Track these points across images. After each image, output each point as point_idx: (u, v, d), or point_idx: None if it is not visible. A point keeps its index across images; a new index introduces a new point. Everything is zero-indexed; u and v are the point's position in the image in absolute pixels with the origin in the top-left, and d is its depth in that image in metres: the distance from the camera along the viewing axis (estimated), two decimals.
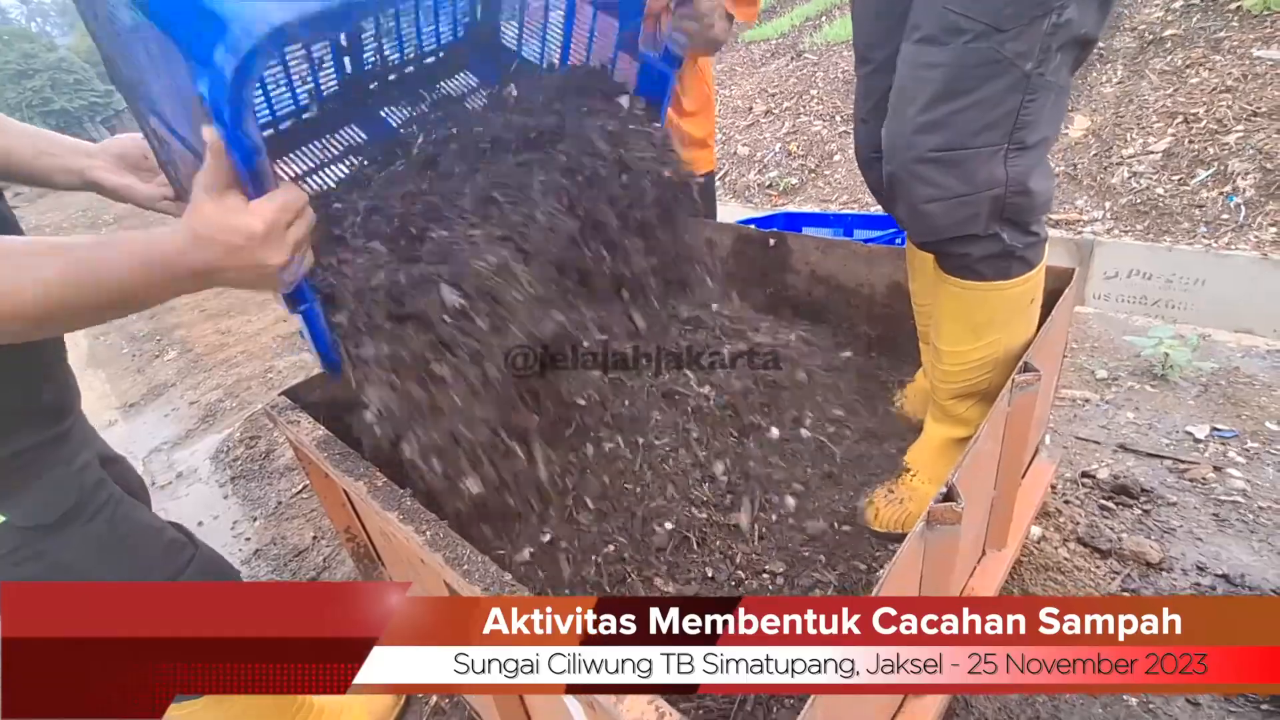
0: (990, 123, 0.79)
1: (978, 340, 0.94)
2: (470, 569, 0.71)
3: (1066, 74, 0.81)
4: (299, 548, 1.99)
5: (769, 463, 1.07)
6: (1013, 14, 0.74)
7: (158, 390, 3.27)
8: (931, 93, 0.80)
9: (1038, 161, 0.84)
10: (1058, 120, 0.86)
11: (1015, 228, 0.86)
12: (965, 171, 0.81)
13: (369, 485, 0.86)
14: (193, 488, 2.44)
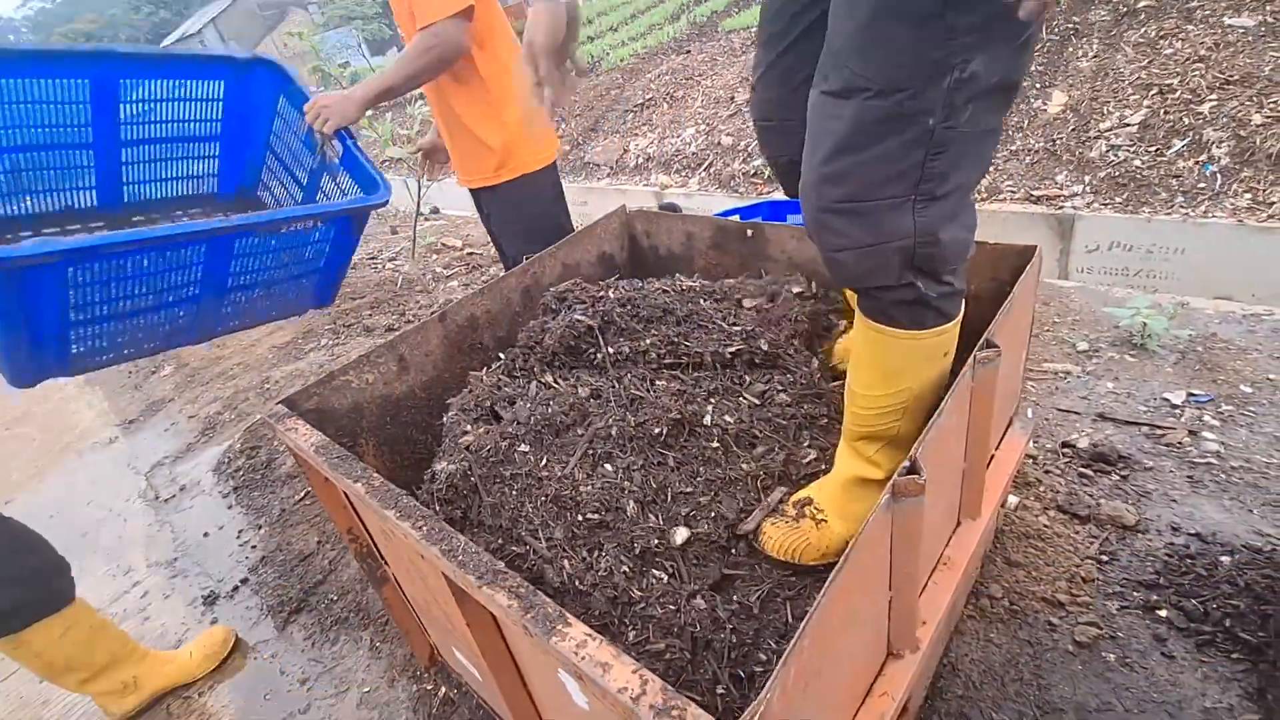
0: (894, 175, 0.78)
1: (889, 387, 0.94)
2: (465, 559, 0.75)
3: (990, 118, 0.79)
4: (304, 553, 2.03)
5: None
6: (908, 75, 0.74)
7: (156, 405, 3.30)
8: (834, 144, 0.80)
9: (950, 211, 0.82)
10: (979, 165, 0.84)
11: (928, 277, 0.86)
12: (870, 222, 0.81)
13: (367, 486, 0.91)
14: (196, 500, 2.48)
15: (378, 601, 1.76)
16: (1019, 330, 1.14)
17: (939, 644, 1.22)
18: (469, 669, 1.25)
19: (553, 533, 1.00)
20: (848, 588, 0.67)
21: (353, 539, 1.28)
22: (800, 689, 0.64)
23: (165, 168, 2.32)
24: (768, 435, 1.14)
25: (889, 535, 0.76)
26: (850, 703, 0.84)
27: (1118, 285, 3.53)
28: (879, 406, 0.95)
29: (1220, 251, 3.23)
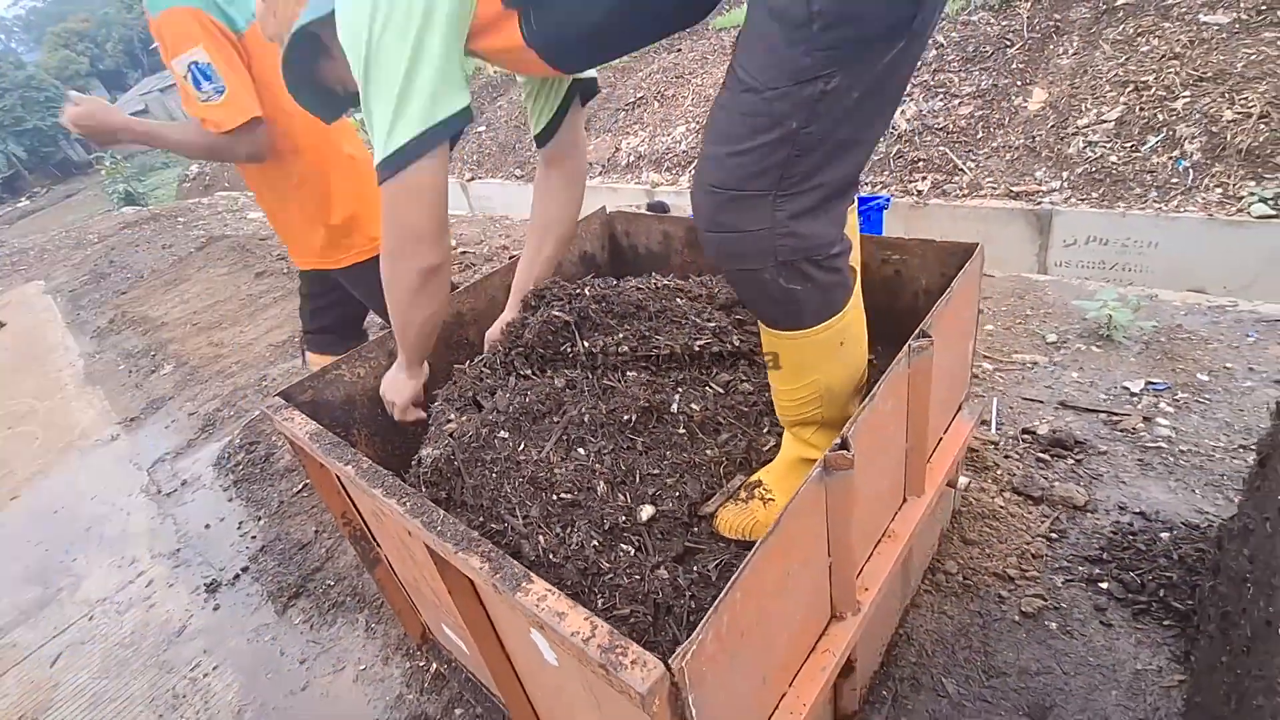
0: (760, 171, 0.84)
1: (798, 380, 1.02)
2: (443, 530, 0.84)
3: (854, 130, 0.85)
4: (302, 542, 2.12)
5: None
6: (776, 75, 0.80)
7: (157, 403, 3.38)
8: (716, 132, 0.87)
9: (808, 208, 0.87)
10: (844, 170, 0.89)
11: (792, 270, 0.90)
12: (736, 209, 0.87)
13: (356, 468, 0.99)
14: (198, 494, 2.56)
15: (372, 585, 1.85)
16: (961, 322, 1.23)
17: (889, 612, 1.31)
18: (456, 643, 1.34)
19: (529, 511, 1.09)
20: (779, 549, 0.76)
21: (346, 522, 1.36)
22: (737, 635, 0.73)
23: None
24: (731, 423, 1.22)
25: (824, 505, 0.85)
26: (796, 657, 0.93)
27: (1094, 279, 3.62)
28: (796, 398, 1.03)
29: (1192, 245, 3.32)
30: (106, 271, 6.29)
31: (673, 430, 1.19)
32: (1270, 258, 3.11)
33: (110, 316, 4.92)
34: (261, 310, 4.10)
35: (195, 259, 5.63)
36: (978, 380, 2.25)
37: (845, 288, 0.98)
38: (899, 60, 0.82)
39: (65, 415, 3.57)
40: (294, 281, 4.47)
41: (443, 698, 1.51)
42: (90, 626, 2.07)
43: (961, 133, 4.41)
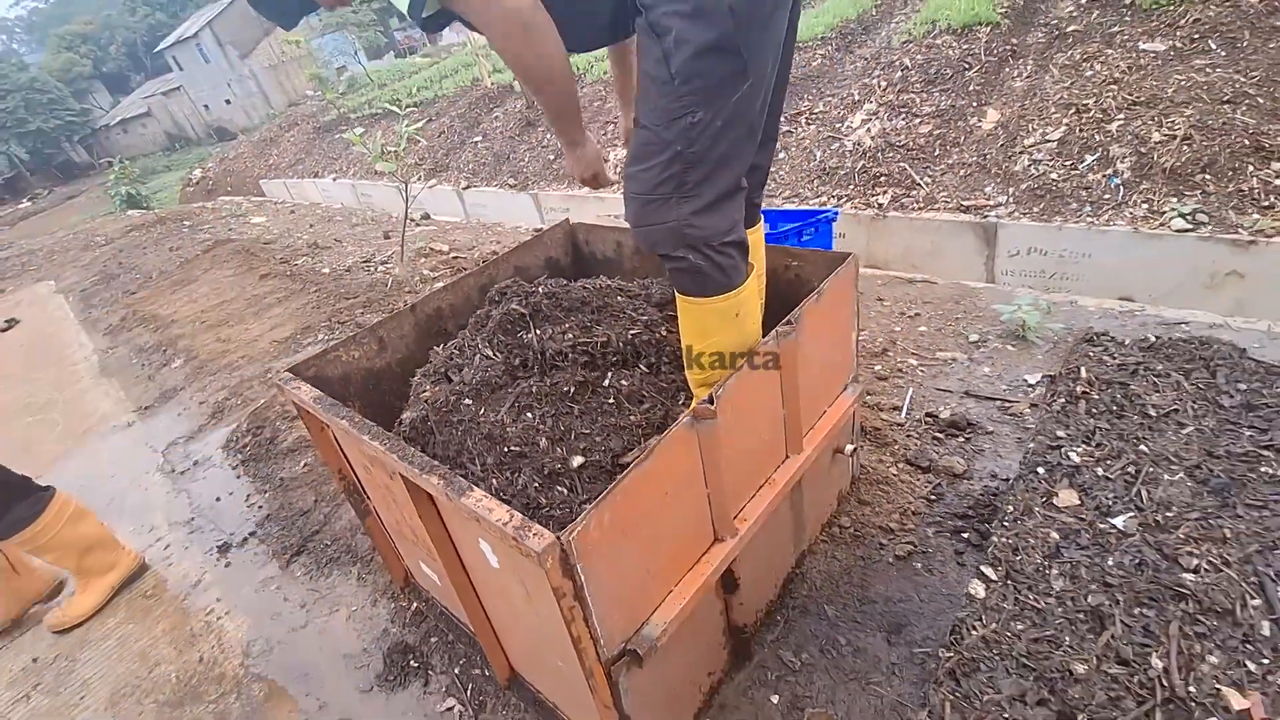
0: (661, 181, 1.17)
1: (703, 340, 1.33)
2: (410, 459, 1.13)
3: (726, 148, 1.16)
4: (303, 509, 2.41)
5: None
6: (658, 118, 1.13)
7: (168, 394, 3.67)
8: (631, 157, 1.22)
9: (704, 205, 1.18)
10: (727, 176, 1.20)
11: (695, 250, 1.21)
12: (651, 209, 1.20)
13: (349, 421, 1.29)
14: (209, 472, 2.85)
15: (364, 545, 2.14)
16: (839, 317, 1.52)
17: (783, 552, 1.60)
18: (431, 577, 1.63)
19: (486, 460, 1.38)
20: (654, 471, 1.05)
21: (341, 478, 1.66)
22: (619, 530, 1.02)
23: None
24: (653, 396, 1.52)
25: (697, 446, 1.15)
26: (683, 565, 1.22)
27: (1037, 286, 3.93)
28: (700, 354, 1.34)
29: (1120, 256, 3.63)
30: (116, 272, 6.59)
31: (604, 400, 1.48)
32: (1186, 267, 3.42)
33: (121, 315, 5.21)
34: (266, 310, 4.40)
35: (202, 261, 5.93)
36: (901, 374, 2.55)
37: (739, 270, 1.29)
38: (749, 95, 1.16)
39: (83, 404, 3.85)
40: (297, 283, 4.77)
41: (421, 630, 1.80)
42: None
43: (920, 150, 4.73)
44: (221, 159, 17.21)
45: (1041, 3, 5.54)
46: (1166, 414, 1.08)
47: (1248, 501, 0.90)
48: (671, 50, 1.09)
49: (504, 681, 1.55)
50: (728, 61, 1.11)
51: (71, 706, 1.92)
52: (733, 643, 1.46)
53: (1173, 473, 0.98)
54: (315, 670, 1.80)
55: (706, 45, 1.08)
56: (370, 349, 1.70)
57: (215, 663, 1.92)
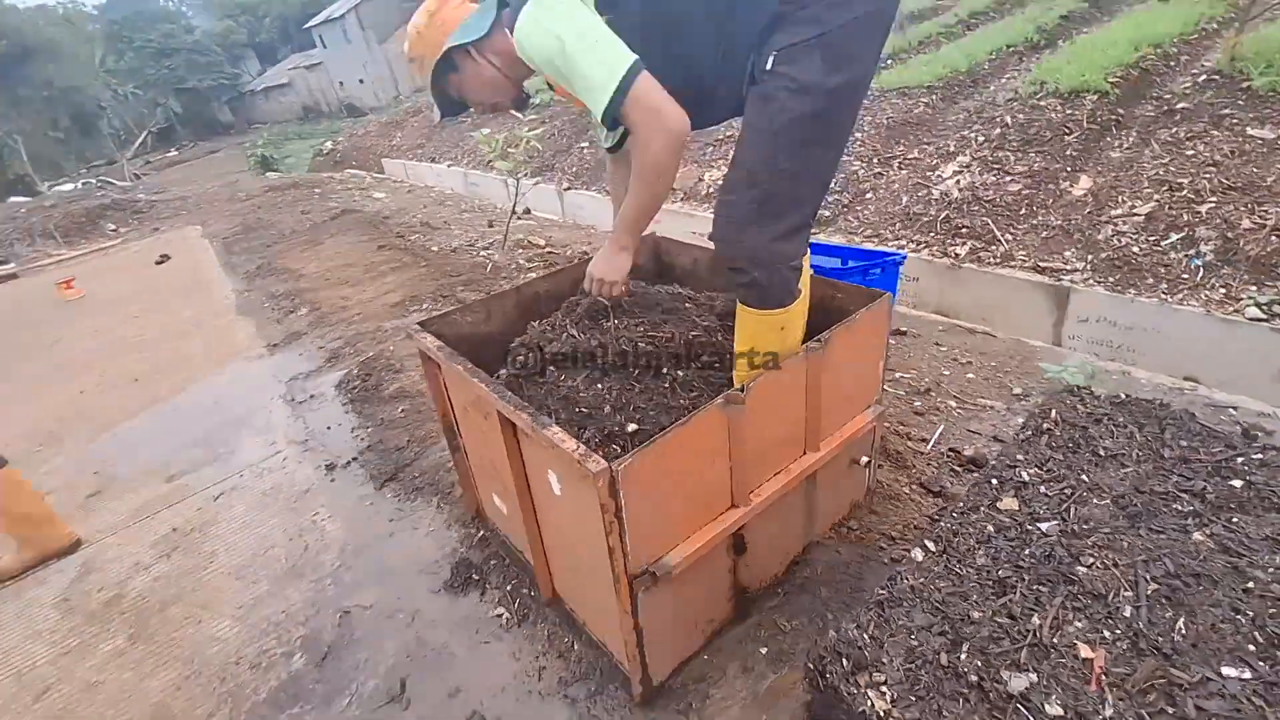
0: (748, 210, 1.47)
1: (751, 345, 1.63)
2: (507, 399, 1.48)
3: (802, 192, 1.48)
4: (398, 446, 2.84)
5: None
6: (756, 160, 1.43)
7: (293, 337, 4.25)
8: (724, 187, 1.52)
9: (779, 235, 1.47)
10: (799, 214, 1.50)
11: (765, 270, 1.49)
12: (734, 230, 1.51)
13: (463, 367, 1.66)
14: (322, 405, 3.35)
15: (445, 480, 2.54)
16: (868, 344, 1.79)
17: (791, 536, 1.87)
18: (500, 509, 2.00)
19: (559, 415, 1.73)
20: (688, 434, 1.37)
21: (442, 417, 2.05)
22: (656, 475, 1.34)
23: None
24: (700, 386, 1.83)
25: (726, 424, 1.45)
26: (703, 516, 1.52)
27: (1103, 355, 3.99)
28: (744, 361, 1.64)
29: (1188, 336, 3.67)
30: (254, 226, 7.44)
31: (661, 384, 1.81)
32: (1255, 356, 3.43)
33: (258, 263, 5.95)
34: (380, 276, 4.97)
35: (329, 226, 6.64)
36: (938, 412, 2.75)
37: (793, 292, 1.59)
38: (829, 155, 1.49)
39: (224, 336, 4.50)
40: (409, 256, 5.34)
41: (484, 553, 2.18)
42: (242, 480, 2.85)
43: (1006, 207, 4.83)
44: (351, 134, 18.64)
45: (1156, 77, 5.53)
46: (1113, 455, 1.29)
47: (1152, 526, 1.12)
48: (776, 114, 1.41)
49: (546, 600, 1.89)
50: (818, 129, 1.43)
51: (201, 569, 2.39)
52: (735, 599, 1.75)
53: (1101, 498, 1.20)
54: (395, 571, 2.20)
55: (804, 115, 1.40)
56: (480, 317, 2.09)
57: (317, 552, 2.35)
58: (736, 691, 1.63)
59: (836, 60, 1.35)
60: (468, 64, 1.63)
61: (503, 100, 1.71)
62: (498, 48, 1.59)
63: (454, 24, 1.62)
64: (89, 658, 2.10)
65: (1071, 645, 0.97)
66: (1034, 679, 0.93)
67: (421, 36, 1.64)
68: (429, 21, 1.63)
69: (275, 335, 4.33)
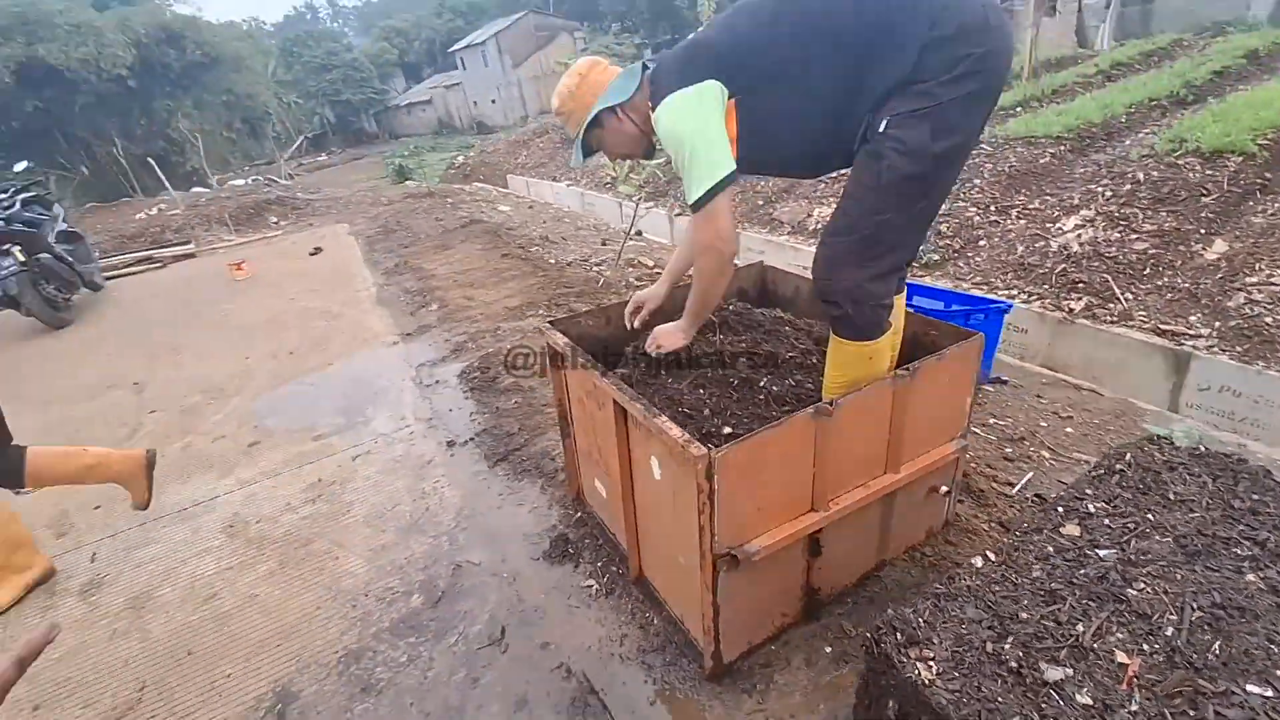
0: (849, 251, 1.64)
1: (835, 371, 1.79)
2: (623, 389, 1.73)
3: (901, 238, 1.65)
4: (510, 432, 3.17)
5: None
6: (861, 209, 1.61)
7: (424, 329, 4.74)
8: (828, 230, 1.69)
9: (874, 276, 1.64)
10: (895, 258, 1.68)
11: (857, 306, 1.67)
12: (834, 268, 1.67)
13: (586, 361, 1.93)
14: (446, 391, 3.76)
15: (550, 466, 2.83)
16: (955, 380, 1.91)
17: (866, 550, 2.00)
18: (600, 492, 2.24)
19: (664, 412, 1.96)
20: (778, 437, 1.56)
21: (558, 405, 2.33)
22: (746, 467, 1.54)
23: None
24: (793, 401, 2.01)
25: (813, 432, 1.63)
26: (785, 513, 1.70)
27: (1222, 426, 3.80)
28: (833, 382, 1.81)
29: None
30: (393, 228, 8.22)
31: (756, 396, 2.01)
32: None
33: (395, 261, 6.60)
34: (504, 282, 5.43)
35: (459, 233, 7.27)
36: (1029, 460, 2.77)
37: (880, 327, 1.76)
38: (927, 209, 1.66)
39: (364, 323, 5.07)
40: (528, 266, 5.79)
41: (580, 531, 2.43)
42: (375, 446, 3.27)
43: (1129, 266, 4.68)
44: (480, 150, 20.00)
45: None
46: (1182, 500, 1.35)
47: (1208, 565, 1.19)
48: (884, 171, 1.57)
49: (633, 578, 2.12)
50: (920, 186, 1.60)
51: (341, 514, 2.78)
52: (807, 599, 1.90)
53: (1163, 536, 1.28)
54: (501, 537, 2.50)
55: (908, 174, 1.57)
56: (600, 322, 2.37)
57: (436, 513, 2.69)
58: (799, 680, 1.78)
59: (942, 129, 1.52)
60: (611, 121, 1.84)
61: (636, 151, 1.95)
62: (638, 108, 1.81)
63: (601, 87, 1.82)
64: (248, 574, 2.51)
65: (1110, 651, 1.08)
66: (1069, 673, 1.05)
67: (573, 96, 1.85)
68: (580, 83, 1.83)
69: (408, 325, 4.84)
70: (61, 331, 6.06)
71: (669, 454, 1.63)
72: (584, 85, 1.84)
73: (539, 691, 1.87)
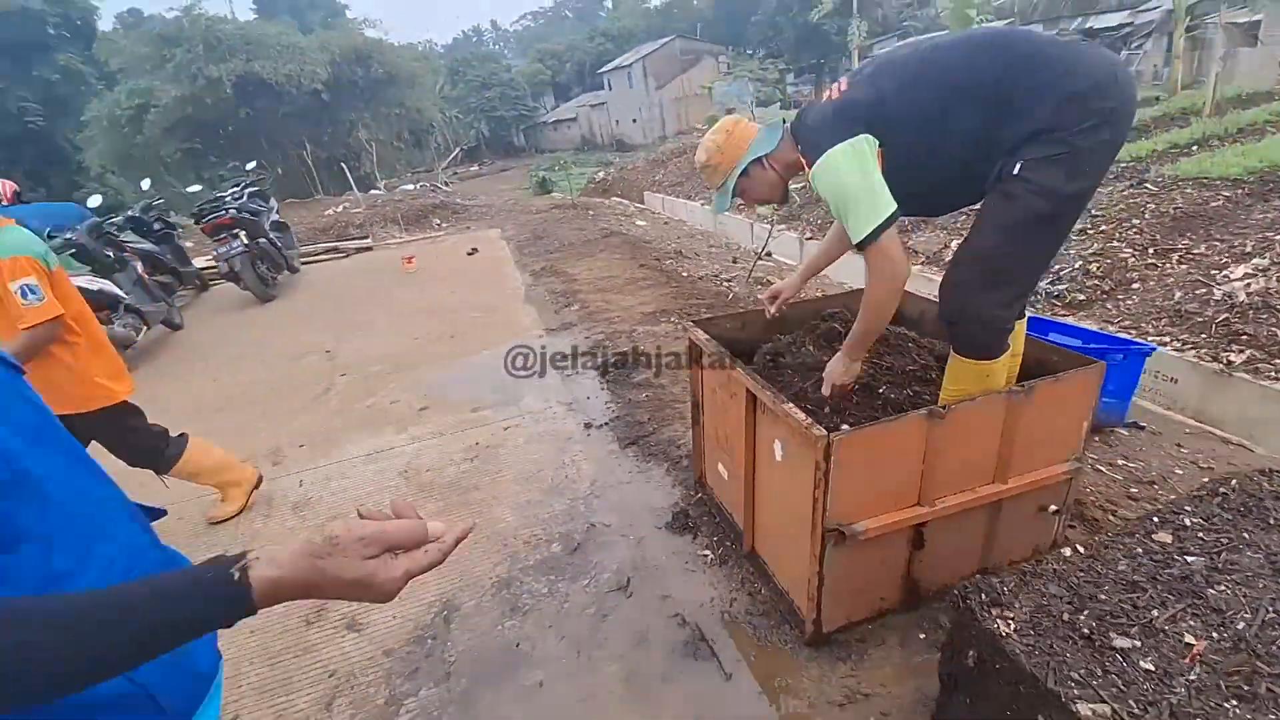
0: (977, 277, 1.80)
1: (957, 385, 1.94)
2: (758, 380, 2.01)
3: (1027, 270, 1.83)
4: (640, 420, 3.53)
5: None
6: (992, 241, 1.78)
7: (566, 325, 5.24)
8: (963, 255, 1.87)
9: (1000, 302, 1.81)
10: (1018, 288, 1.83)
11: (981, 327, 1.83)
12: (962, 291, 1.84)
13: (725, 354, 2.23)
14: (586, 380, 4.19)
15: (675, 453, 3.15)
16: (1072, 404, 2.02)
17: (968, 555, 2.14)
18: (721, 475, 2.53)
19: None
20: (891, 431, 1.77)
21: (693, 393, 2.65)
22: (860, 453, 1.77)
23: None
24: (907, 408, 2.20)
25: (924, 431, 1.83)
26: (889, 504, 1.90)
27: None
28: (950, 396, 1.98)
29: None
30: (541, 235, 8.96)
31: (874, 400, 2.22)
32: None
33: (542, 265, 7.25)
34: (638, 290, 5.86)
35: (599, 243, 7.84)
36: (1154, 502, 2.74)
37: (1000, 348, 1.93)
38: (1054, 244, 1.84)
39: (513, 316, 5.67)
40: (662, 277, 6.19)
41: (699, 509, 2.72)
42: (523, 421, 3.74)
43: None
44: (620, 167, 20.95)
45: None
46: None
47: None
48: (1016, 210, 1.75)
49: (745, 552, 2.38)
50: (1050, 224, 1.77)
51: (493, 473, 3.25)
52: (906, 588, 2.08)
53: (1255, 552, 1.36)
54: (629, 507, 2.84)
55: (1039, 213, 1.74)
56: (736, 325, 2.67)
57: (574, 480, 3.08)
58: (891, 657, 1.97)
59: (1075, 173, 1.69)
60: (756, 171, 2.04)
61: (775, 197, 2.16)
62: (781, 158, 2.04)
63: (746, 142, 2.03)
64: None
65: (1180, 634, 1.22)
66: (1137, 644, 1.20)
67: (720, 150, 2.04)
68: (727, 139, 2.04)
69: (552, 322, 5.37)
70: (268, 305, 7.19)
71: (792, 436, 1.90)
72: (730, 141, 2.05)
73: (657, 632, 2.17)
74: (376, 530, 0.70)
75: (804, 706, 1.86)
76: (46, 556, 0.72)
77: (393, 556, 0.71)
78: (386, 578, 0.69)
